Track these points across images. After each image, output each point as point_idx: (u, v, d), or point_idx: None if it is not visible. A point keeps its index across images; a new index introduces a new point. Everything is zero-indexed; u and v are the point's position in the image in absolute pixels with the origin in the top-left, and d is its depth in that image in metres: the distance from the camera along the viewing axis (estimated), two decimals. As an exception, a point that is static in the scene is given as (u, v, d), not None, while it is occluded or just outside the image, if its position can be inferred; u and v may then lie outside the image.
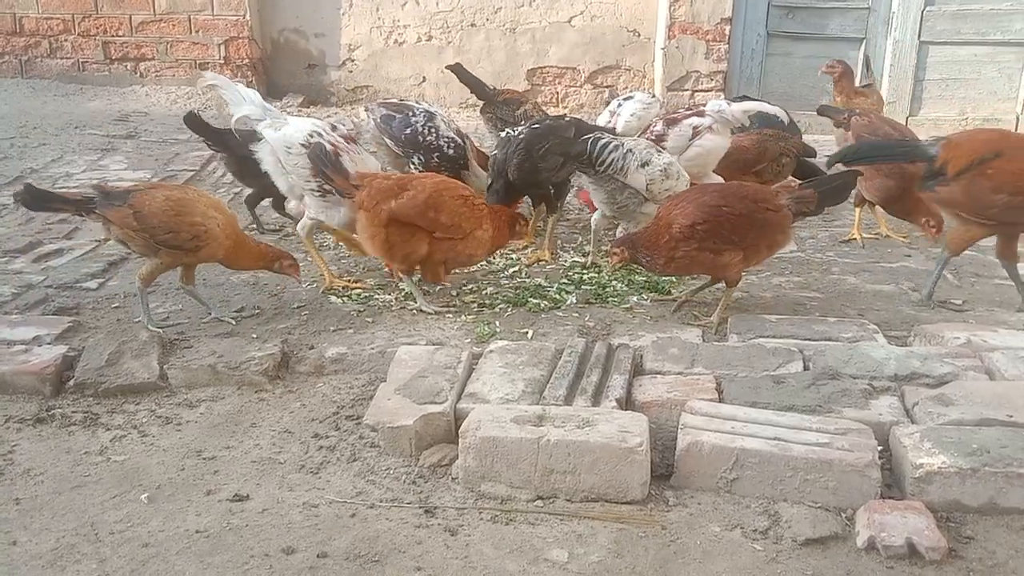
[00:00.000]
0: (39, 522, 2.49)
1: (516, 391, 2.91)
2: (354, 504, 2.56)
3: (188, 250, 3.49)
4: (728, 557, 2.35)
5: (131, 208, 3.41)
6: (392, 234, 3.62)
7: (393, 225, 3.61)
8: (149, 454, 2.82)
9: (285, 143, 3.91)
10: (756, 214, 3.52)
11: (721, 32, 7.14)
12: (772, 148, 4.88)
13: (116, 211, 3.42)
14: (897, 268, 4.28)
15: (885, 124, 4.56)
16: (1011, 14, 7.00)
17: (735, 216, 3.49)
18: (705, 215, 3.48)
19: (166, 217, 3.42)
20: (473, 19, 7.62)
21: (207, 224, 3.48)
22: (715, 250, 3.50)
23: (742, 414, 2.72)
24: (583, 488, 2.55)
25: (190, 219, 3.45)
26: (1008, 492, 2.45)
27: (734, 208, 3.51)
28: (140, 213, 3.41)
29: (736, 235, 3.50)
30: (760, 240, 3.57)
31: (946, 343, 3.29)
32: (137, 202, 3.43)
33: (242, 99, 4.08)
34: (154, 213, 3.42)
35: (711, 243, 3.48)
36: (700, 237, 3.46)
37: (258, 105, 4.08)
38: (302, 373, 3.30)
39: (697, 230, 3.46)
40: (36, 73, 7.82)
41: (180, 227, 3.44)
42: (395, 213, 3.59)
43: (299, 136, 3.91)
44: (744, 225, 3.50)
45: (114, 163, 5.91)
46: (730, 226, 3.48)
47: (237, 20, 7.55)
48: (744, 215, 3.50)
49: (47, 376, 3.15)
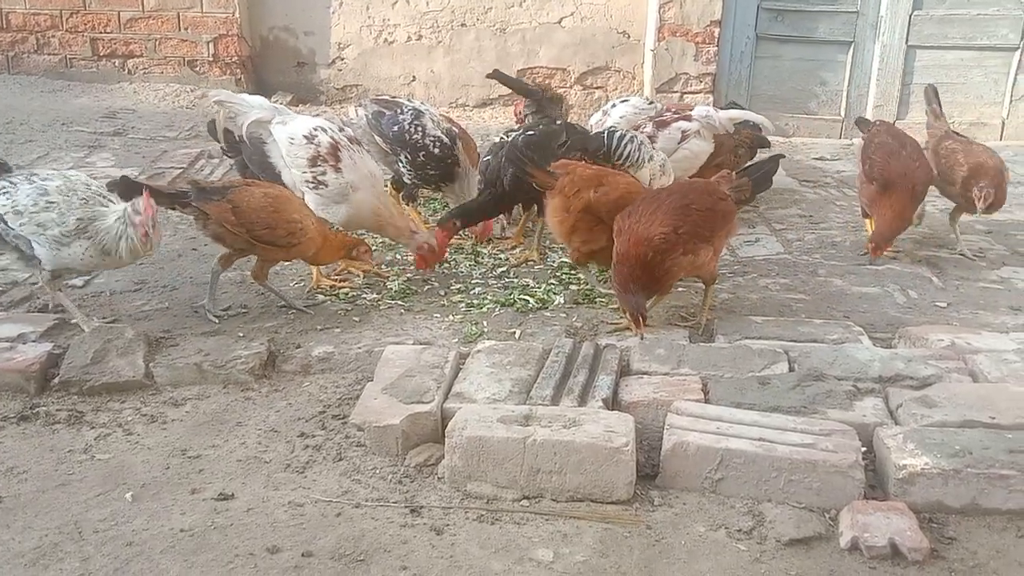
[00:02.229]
0: (22, 520, 2.48)
1: (503, 391, 2.92)
2: (340, 503, 2.56)
3: (283, 246, 3.58)
4: (713, 557, 2.36)
5: (230, 203, 3.50)
6: (580, 221, 3.71)
7: (584, 213, 3.69)
8: (134, 452, 2.81)
9: (288, 135, 3.99)
10: (717, 207, 3.56)
11: (710, 34, 7.16)
12: (727, 142, 4.97)
13: (215, 205, 3.49)
14: (883, 271, 4.31)
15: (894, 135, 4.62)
16: (997, 19, 7.04)
17: (704, 211, 3.49)
18: (681, 218, 3.41)
19: (265, 213, 3.53)
20: (463, 19, 7.61)
21: (303, 222, 3.58)
22: (694, 251, 3.45)
23: (727, 415, 2.74)
24: (569, 488, 2.56)
25: (287, 216, 3.56)
26: (990, 493, 2.48)
27: (700, 204, 3.50)
28: (239, 208, 3.50)
29: (708, 230, 3.50)
30: (721, 230, 3.59)
31: (930, 345, 3.31)
32: (236, 197, 3.52)
33: (250, 106, 4.10)
34: (253, 209, 3.51)
35: (691, 244, 3.43)
36: (684, 241, 3.40)
37: (267, 108, 4.12)
38: (288, 372, 3.30)
39: (680, 235, 3.39)
40: (23, 69, 7.76)
41: (278, 223, 3.54)
42: (591, 203, 3.68)
43: (302, 129, 4.00)
44: (711, 219, 3.52)
45: (101, 160, 5.87)
46: (703, 222, 3.48)
47: (226, 17, 7.51)
48: (710, 209, 3.52)
49: (32, 374, 3.13)
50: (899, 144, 4.42)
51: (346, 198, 3.95)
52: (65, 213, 3.33)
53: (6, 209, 3.33)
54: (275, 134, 4.02)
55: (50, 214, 3.32)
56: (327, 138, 3.98)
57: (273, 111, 4.10)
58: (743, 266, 4.38)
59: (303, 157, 3.94)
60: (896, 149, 4.38)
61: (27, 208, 3.33)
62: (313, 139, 3.97)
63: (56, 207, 3.33)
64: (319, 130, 4.00)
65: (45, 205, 3.33)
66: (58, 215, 3.32)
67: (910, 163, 4.33)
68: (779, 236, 4.86)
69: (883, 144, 4.44)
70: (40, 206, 3.33)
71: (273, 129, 4.02)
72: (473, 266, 4.31)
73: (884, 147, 4.42)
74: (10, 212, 3.33)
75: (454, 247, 4.51)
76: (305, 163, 3.94)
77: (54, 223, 3.31)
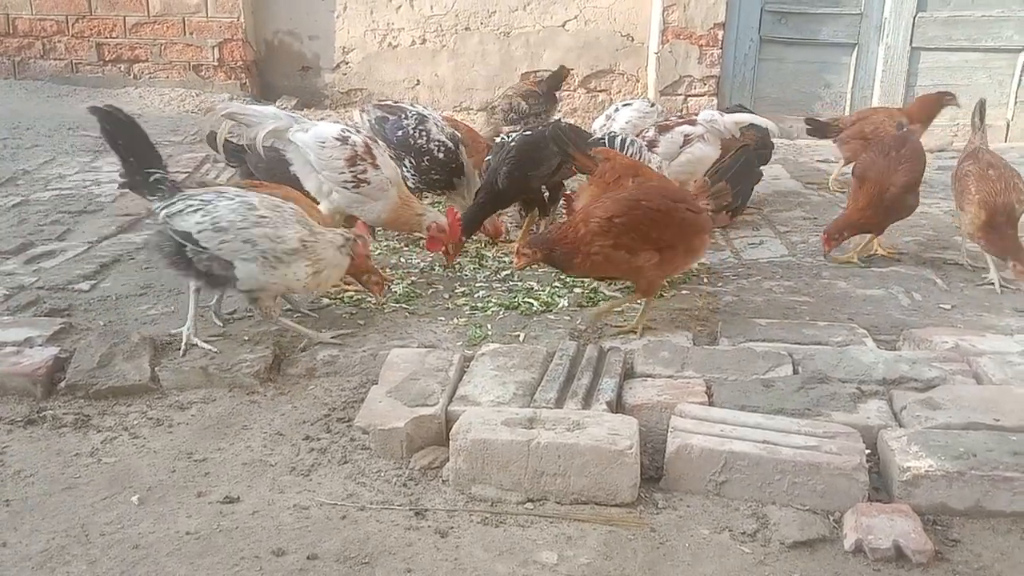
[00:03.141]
0: (29, 523, 2.49)
1: (507, 394, 2.92)
2: (345, 506, 2.57)
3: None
4: (717, 559, 2.36)
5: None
6: None
7: None
8: (140, 456, 2.83)
9: (318, 139, 3.98)
10: (675, 212, 3.43)
11: (714, 37, 7.17)
12: (732, 144, 4.93)
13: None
14: (887, 273, 4.31)
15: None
16: (1001, 21, 7.05)
17: (653, 211, 3.39)
18: (623, 209, 3.37)
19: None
20: (467, 23, 7.64)
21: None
22: (631, 248, 3.36)
23: (731, 417, 2.74)
24: (573, 490, 2.56)
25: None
26: (994, 495, 2.47)
27: (653, 203, 3.41)
28: None
29: (654, 232, 3.38)
30: (678, 241, 3.45)
31: (934, 347, 3.31)
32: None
33: (264, 116, 4.05)
34: None
35: (628, 239, 3.34)
36: (617, 232, 3.33)
37: (283, 116, 4.08)
38: (293, 375, 3.31)
39: (615, 223, 3.33)
40: (29, 74, 7.81)
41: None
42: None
43: (333, 131, 4.02)
44: (662, 222, 3.39)
45: (107, 165, 5.89)
46: (648, 222, 3.37)
47: (231, 22, 7.55)
48: (663, 211, 3.40)
49: (38, 378, 3.15)
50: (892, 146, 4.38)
51: (385, 193, 4.01)
52: (280, 227, 3.24)
53: (203, 227, 3.18)
54: (298, 141, 3.98)
55: (263, 229, 3.22)
56: (360, 138, 4.04)
57: (290, 119, 4.07)
58: (747, 268, 4.38)
59: (339, 159, 3.95)
60: (885, 150, 4.36)
61: (233, 224, 3.19)
62: (347, 140, 4.00)
63: (269, 222, 3.23)
64: (349, 131, 4.04)
65: (256, 220, 3.22)
66: (272, 230, 3.22)
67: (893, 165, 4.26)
68: (783, 238, 4.86)
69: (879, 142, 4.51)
70: (251, 221, 3.22)
71: (295, 137, 3.99)
72: (477, 269, 4.32)
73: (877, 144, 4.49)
74: (208, 229, 3.18)
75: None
76: (343, 164, 3.95)
77: (267, 239, 3.21)
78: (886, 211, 4.28)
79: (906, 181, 4.26)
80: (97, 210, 5.04)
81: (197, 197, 3.28)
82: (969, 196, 4.09)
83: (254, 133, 3.99)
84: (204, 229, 3.20)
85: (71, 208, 5.04)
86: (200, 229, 3.20)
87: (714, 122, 4.82)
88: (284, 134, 4.01)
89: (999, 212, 3.96)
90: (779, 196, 5.65)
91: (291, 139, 3.99)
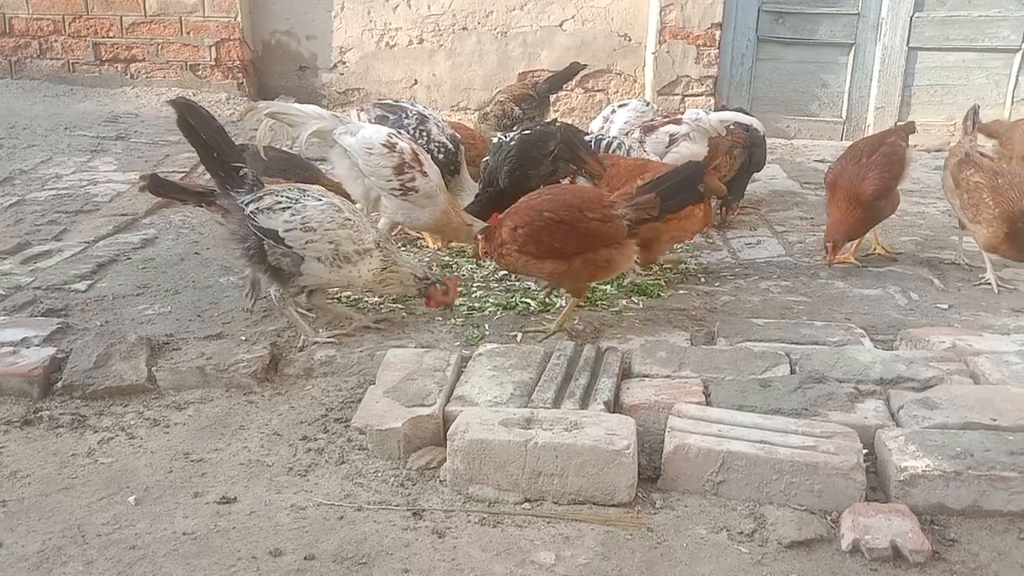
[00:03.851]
0: (25, 524, 2.48)
1: (504, 394, 2.92)
2: (342, 506, 2.56)
3: None
4: (714, 559, 2.36)
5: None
6: None
7: None
8: (137, 456, 2.82)
9: (366, 144, 3.95)
10: (579, 223, 3.38)
11: (711, 37, 7.17)
12: (721, 144, 4.96)
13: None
14: (884, 272, 4.31)
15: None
16: (998, 20, 7.05)
17: (555, 222, 3.37)
18: (525, 219, 3.41)
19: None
20: (465, 23, 7.63)
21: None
22: (536, 255, 3.40)
23: (729, 417, 2.74)
24: (570, 491, 2.56)
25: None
26: (991, 495, 2.48)
27: (556, 215, 3.39)
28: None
29: (556, 242, 3.37)
30: (584, 250, 3.39)
31: (932, 347, 3.31)
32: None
33: (307, 115, 4.01)
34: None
35: (531, 247, 3.39)
36: (521, 240, 3.39)
37: (327, 116, 4.04)
38: (291, 375, 3.30)
39: (517, 233, 3.40)
40: (26, 74, 7.79)
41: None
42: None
43: (380, 137, 3.97)
44: (563, 233, 3.36)
45: (104, 164, 5.89)
46: (549, 232, 3.37)
47: (228, 22, 7.53)
48: (565, 222, 3.37)
49: (35, 378, 3.14)
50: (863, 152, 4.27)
51: (433, 200, 3.99)
52: (362, 230, 3.36)
53: (292, 225, 3.26)
54: (345, 144, 3.95)
55: (348, 231, 3.32)
56: (407, 145, 4.00)
57: (334, 120, 4.02)
58: (744, 268, 4.38)
59: (387, 166, 3.93)
60: (857, 156, 4.25)
61: (322, 224, 3.28)
62: (395, 147, 3.97)
63: (353, 224, 3.34)
64: (396, 136, 3.99)
65: (343, 222, 3.32)
66: (355, 232, 3.33)
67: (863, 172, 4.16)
68: (780, 238, 4.86)
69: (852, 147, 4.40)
70: (338, 222, 3.31)
71: (341, 140, 3.95)
72: (475, 269, 4.31)
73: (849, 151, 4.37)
74: (298, 228, 3.26)
75: (455, 250, 4.52)
76: (390, 172, 3.94)
77: (350, 240, 3.31)
78: (862, 219, 4.19)
79: (875, 189, 4.13)
80: (94, 210, 5.03)
81: (284, 194, 3.33)
82: (988, 211, 3.96)
83: (297, 133, 3.94)
84: (292, 228, 3.27)
85: (68, 208, 5.04)
86: (288, 228, 3.26)
87: (699, 121, 4.83)
88: (329, 135, 3.97)
89: (1019, 220, 3.90)
90: (776, 196, 5.66)
91: (337, 141, 3.95)
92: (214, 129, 3.28)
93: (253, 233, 3.27)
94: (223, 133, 3.33)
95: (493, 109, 6.09)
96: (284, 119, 4.02)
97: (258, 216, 3.27)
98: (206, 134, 3.26)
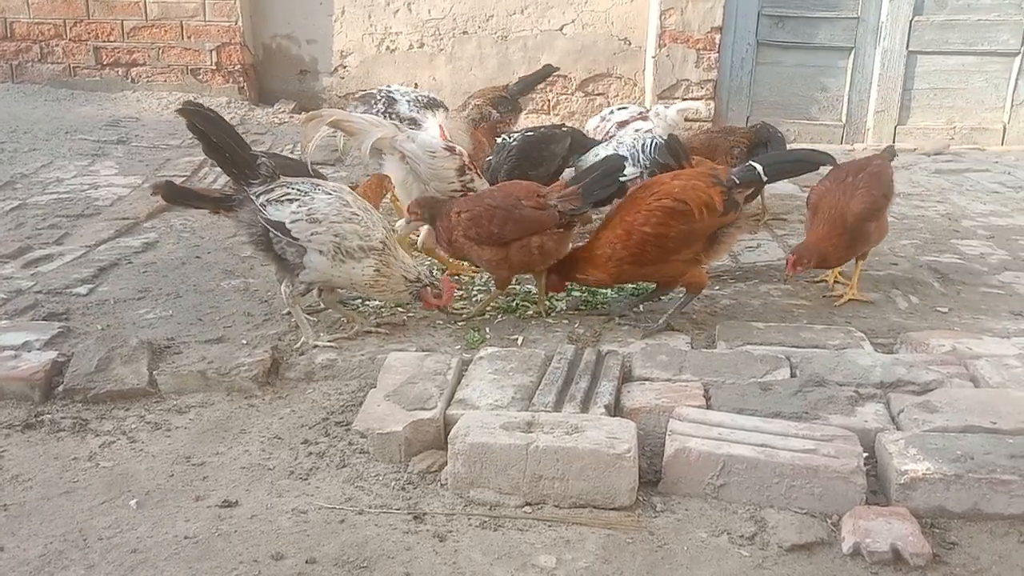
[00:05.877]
0: (27, 528, 2.49)
1: (505, 397, 2.93)
2: (343, 510, 2.57)
3: None
4: (715, 563, 2.36)
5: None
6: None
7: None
8: (138, 460, 2.82)
9: (428, 149, 4.02)
10: (514, 209, 3.58)
11: (711, 41, 7.18)
12: (722, 143, 5.03)
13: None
14: (883, 276, 4.31)
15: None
16: (998, 24, 7.06)
17: (493, 208, 3.59)
18: (469, 206, 3.65)
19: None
20: (465, 27, 7.65)
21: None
22: (477, 241, 3.60)
23: (729, 421, 2.74)
24: (571, 494, 2.57)
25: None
26: (992, 498, 2.48)
27: (495, 201, 3.63)
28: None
29: (494, 227, 3.57)
30: (519, 235, 3.57)
31: (932, 350, 3.32)
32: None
33: (368, 124, 4.05)
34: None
35: (473, 232, 3.59)
36: (464, 225, 3.60)
37: (387, 125, 4.08)
38: (292, 379, 3.31)
39: (461, 218, 3.61)
40: (27, 78, 7.81)
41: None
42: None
43: (440, 142, 4.07)
44: (499, 218, 3.57)
45: (105, 168, 5.90)
46: (488, 217, 3.58)
47: (229, 26, 7.55)
48: (502, 208, 3.59)
49: (36, 382, 3.15)
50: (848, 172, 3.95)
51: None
52: (370, 227, 3.38)
53: (298, 217, 3.29)
54: (407, 151, 4.00)
55: (354, 225, 3.34)
56: (461, 147, 4.10)
57: (394, 128, 4.07)
58: (744, 272, 4.39)
59: (451, 168, 4.00)
60: (841, 176, 3.91)
61: (327, 216, 3.31)
62: (454, 150, 4.05)
63: (360, 219, 3.36)
64: (450, 141, 4.09)
65: (349, 216, 3.35)
66: (362, 227, 3.35)
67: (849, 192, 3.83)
68: (780, 242, 4.87)
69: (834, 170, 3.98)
70: (344, 216, 3.33)
71: (404, 146, 4.00)
72: (475, 272, 4.31)
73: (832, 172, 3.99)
74: (303, 220, 3.29)
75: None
76: (453, 174, 4.01)
77: (355, 235, 3.34)
78: (846, 242, 3.81)
79: (862, 209, 3.80)
80: (95, 214, 5.04)
81: (295, 186, 3.37)
82: None
83: (359, 141, 3.96)
84: (298, 219, 3.30)
85: (69, 212, 5.04)
86: (295, 219, 3.30)
87: (659, 115, 5.13)
88: (391, 143, 4.00)
89: None
90: (776, 200, 5.66)
91: (399, 148, 3.99)
92: (224, 130, 3.31)
93: (260, 223, 3.31)
94: (232, 130, 3.36)
95: (471, 113, 6.04)
96: (346, 127, 4.06)
97: (267, 207, 3.31)
98: (216, 136, 3.28)
